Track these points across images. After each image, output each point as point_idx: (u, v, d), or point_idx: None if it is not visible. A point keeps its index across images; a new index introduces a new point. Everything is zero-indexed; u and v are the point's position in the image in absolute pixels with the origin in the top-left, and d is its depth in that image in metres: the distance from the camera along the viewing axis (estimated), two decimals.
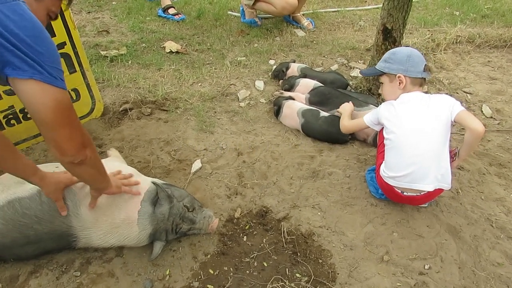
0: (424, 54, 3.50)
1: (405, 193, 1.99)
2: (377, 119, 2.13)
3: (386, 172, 2.01)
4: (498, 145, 2.59)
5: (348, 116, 2.43)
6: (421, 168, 1.92)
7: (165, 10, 4.29)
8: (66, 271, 1.75)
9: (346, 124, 2.38)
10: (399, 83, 2.08)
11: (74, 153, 1.28)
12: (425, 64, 2.07)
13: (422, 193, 1.97)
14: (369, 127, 2.22)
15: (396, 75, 2.09)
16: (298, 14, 4.24)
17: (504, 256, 1.89)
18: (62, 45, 2.23)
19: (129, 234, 1.73)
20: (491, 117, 2.87)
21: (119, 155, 2.27)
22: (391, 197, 2.09)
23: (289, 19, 4.30)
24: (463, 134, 2.43)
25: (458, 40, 3.90)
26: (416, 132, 1.95)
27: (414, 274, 1.80)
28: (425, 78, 2.13)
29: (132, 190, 1.75)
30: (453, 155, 2.03)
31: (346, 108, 2.51)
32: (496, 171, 2.39)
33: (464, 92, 3.16)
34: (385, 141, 2.05)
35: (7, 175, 1.79)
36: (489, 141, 2.62)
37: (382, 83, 2.22)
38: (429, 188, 1.93)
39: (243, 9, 4.22)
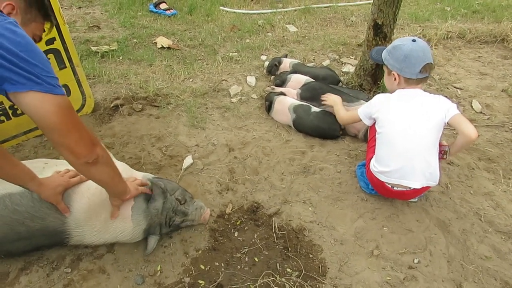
0: None
1: (395, 188, 2.01)
2: (370, 112, 2.12)
3: (376, 166, 2.02)
4: (487, 140, 2.62)
5: (342, 107, 2.43)
6: (410, 165, 1.94)
7: (156, 5, 4.28)
8: (57, 267, 1.75)
9: (343, 115, 2.37)
10: (394, 79, 2.06)
11: (87, 153, 1.30)
12: (425, 64, 1.96)
13: (411, 189, 1.98)
14: (361, 120, 2.20)
15: (391, 70, 2.06)
16: None
17: (492, 250, 1.92)
18: (51, 40, 2.22)
19: (123, 230, 1.73)
20: (481, 112, 2.90)
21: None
22: (381, 191, 2.10)
23: None
24: (453, 129, 2.46)
25: (449, 36, 3.93)
26: (408, 129, 1.95)
27: (403, 268, 1.82)
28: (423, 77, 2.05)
29: (147, 189, 1.78)
30: (442, 153, 2.04)
31: (336, 100, 2.51)
32: (485, 166, 2.41)
33: (455, 87, 3.18)
34: (377, 135, 2.06)
35: None
36: (478, 136, 2.64)
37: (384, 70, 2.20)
38: (417, 185, 1.95)
39: None
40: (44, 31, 1.58)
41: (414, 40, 1.99)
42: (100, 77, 3.03)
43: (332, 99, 2.54)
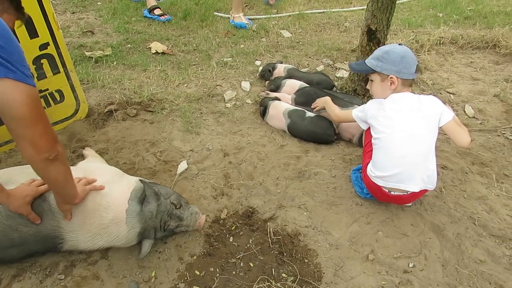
0: None
1: (392, 193, 2.01)
2: (364, 117, 2.14)
3: (374, 171, 2.03)
4: (480, 145, 2.64)
5: (334, 105, 2.45)
6: (408, 169, 1.95)
7: (150, 10, 4.27)
8: (50, 274, 1.73)
9: (338, 113, 2.39)
10: (391, 83, 2.06)
11: (49, 148, 1.29)
12: (417, 65, 2.06)
13: (408, 193, 1.99)
14: (355, 121, 2.23)
15: (388, 75, 2.07)
16: None
17: (486, 254, 1.93)
18: (45, 45, 2.21)
19: (118, 234, 1.72)
20: (474, 117, 2.92)
21: (96, 154, 2.26)
22: (378, 196, 2.11)
23: None
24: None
25: (441, 41, 3.96)
26: (405, 134, 1.96)
27: (398, 272, 1.83)
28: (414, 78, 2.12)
29: (96, 186, 1.73)
30: None
31: (325, 100, 2.53)
32: (478, 170, 2.43)
33: (448, 92, 3.21)
34: (373, 141, 2.07)
35: None
36: (471, 140, 2.65)
37: (372, 80, 2.18)
38: (415, 189, 1.96)
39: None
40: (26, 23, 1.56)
41: (400, 44, 2.08)
42: (94, 82, 3.02)
43: (322, 101, 2.57)
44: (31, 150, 1.26)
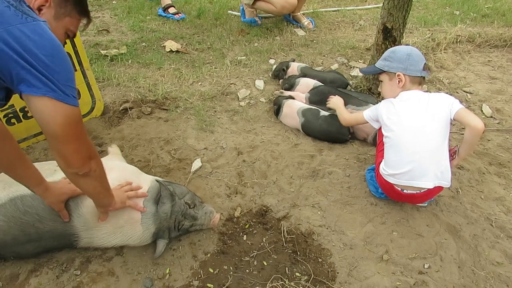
0: (424, 53, 3.51)
1: (405, 191, 1.99)
2: (376, 115, 2.14)
3: (386, 169, 2.01)
4: (498, 145, 2.59)
5: (344, 109, 2.45)
6: (420, 166, 1.93)
7: (165, 9, 4.30)
8: (66, 269, 1.75)
9: (346, 117, 2.38)
10: (399, 81, 2.09)
11: (79, 165, 1.30)
12: (425, 63, 2.08)
13: (422, 191, 1.97)
14: (367, 122, 2.22)
15: (395, 73, 2.10)
16: (298, 14, 4.24)
17: (504, 256, 1.89)
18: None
19: (133, 234, 1.74)
20: (491, 117, 2.87)
21: (119, 152, 2.27)
22: (391, 195, 2.09)
23: (289, 19, 4.30)
24: (463, 133, 2.43)
25: (458, 40, 3.90)
26: (415, 130, 1.96)
27: (413, 273, 1.81)
28: (424, 77, 2.13)
29: (137, 205, 1.73)
30: (452, 154, 2.03)
31: (337, 102, 2.52)
32: (496, 171, 2.39)
33: (464, 91, 3.16)
34: (384, 139, 2.06)
35: None
36: (489, 140, 2.62)
37: (382, 81, 2.22)
38: (429, 185, 1.94)
39: (243, 9, 4.22)
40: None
41: (407, 45, 2.16)
42: (109, 81, 3.05)
43: (333, 102, 2.54)
44: (62, 162, 1.28)
